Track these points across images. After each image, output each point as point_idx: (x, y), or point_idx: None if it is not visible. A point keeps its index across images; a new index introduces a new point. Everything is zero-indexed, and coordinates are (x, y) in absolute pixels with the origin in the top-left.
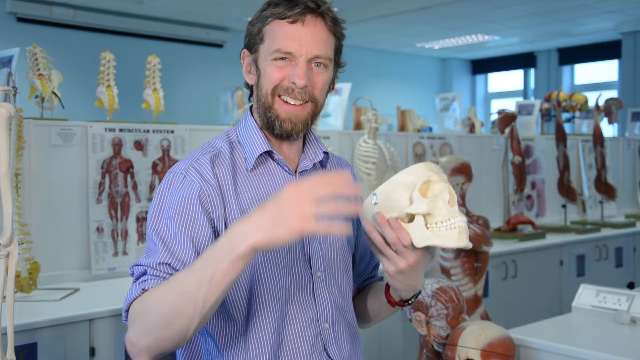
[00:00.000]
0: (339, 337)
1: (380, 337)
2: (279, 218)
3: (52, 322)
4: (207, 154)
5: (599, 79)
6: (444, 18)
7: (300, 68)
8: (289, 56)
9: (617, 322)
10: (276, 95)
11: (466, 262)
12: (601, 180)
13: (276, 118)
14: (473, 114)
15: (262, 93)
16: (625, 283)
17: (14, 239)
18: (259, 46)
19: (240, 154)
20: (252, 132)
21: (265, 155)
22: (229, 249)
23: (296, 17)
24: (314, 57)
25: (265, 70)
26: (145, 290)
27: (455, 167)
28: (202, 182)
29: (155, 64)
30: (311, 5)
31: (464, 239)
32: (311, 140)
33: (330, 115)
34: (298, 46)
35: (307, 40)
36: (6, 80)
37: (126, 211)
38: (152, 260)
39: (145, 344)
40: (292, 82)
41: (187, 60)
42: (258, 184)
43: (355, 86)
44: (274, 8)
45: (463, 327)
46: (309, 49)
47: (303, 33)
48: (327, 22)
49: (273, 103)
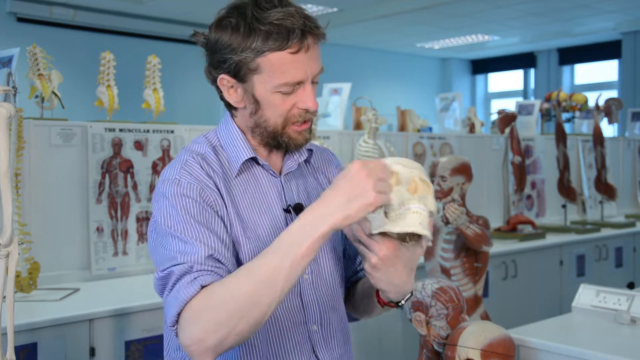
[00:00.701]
0: (328, 338)
1: (380, 337)
2: (353, 194)
3: (52, 322)
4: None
5: (599, 79)
6: (444, 18)
7: (310, 93)
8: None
9: (617, 322)
10: (288, 124)
11: (466, 262)
12: (601, 180)
13: (290, 140)
14: (473, 114)
15: (269, 123)
16: (625, 283)
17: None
18: (252, 76)
19: (225, 158)
20: (235, 138)
21: (250, 161)
22: (310, 231)
23: (298, 45)
24: (315, 77)
25: (269, 101)
26: (203, 286)
27: (455, 167)
28: (198, 183)
29: (155, 64)
30: (305, 28)
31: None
32: None
33: (330, 115)
34: (304, 73)
35: (310, 64)
36: (6, 80)
37: (126, 211)
38: (193, 257)
39: (216, 340)
40: (304, 109)
41: (187, 60)
42: (244, 189)
43: (355, 86)
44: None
45: (463, 327)
46: (312, 71)
47: (306, 59)
48: (318, 38)
49: (285, 130)
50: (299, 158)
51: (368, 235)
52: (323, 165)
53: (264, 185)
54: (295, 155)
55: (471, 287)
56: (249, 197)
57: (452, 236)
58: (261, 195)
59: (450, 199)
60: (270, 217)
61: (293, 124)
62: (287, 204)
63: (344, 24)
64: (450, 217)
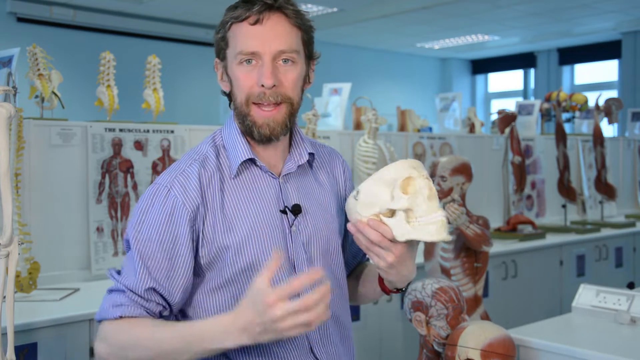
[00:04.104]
0: (326, 337)
1: (381, 337)
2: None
3: (52, 322)
4: (193, 163)
5: (599, 79)
6: (444, 18)
7: (266, 68)
8: (254, 57)
9: (617, 322)
10: (250, 103)
11: (466, 262)
12: (601, 180)
13: (253, 125)
14: (473, 114)
15: (237, 102)
16: (625, 283)
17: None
18: (225, 52)
19: (225, 160)
20: (235, 138)
21: (249, 161)
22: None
23: (255, 16)
24: (278, 53)
25: (234, 77)
26: (122, 317)
27: (455, 167)
28: (185, 198)
29: (155, 64)
30: (268, 1)
31: (443, 233)
32: (297, 142)
33: (330, 115)
34: (260, 45)
35: (269, 38)
36: (6, 80)
37: (126, 211)
38: (131, 283)
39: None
40: (261, 85)
41: (187, 60)
42: (242, 190)
43: (355, 86)
44: (232, 12)
45: (463, 327)
46: (272, 45)
47: (264, 31)
48: (288, 15)
49: (249, 111)
50: (299, 160)
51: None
52: (325, 164)
53: (261, 186)
54: (296, 157)
55: (471, 287)
56: (245, 198)
57: (452, 236)
58: (258, 195)
59: (450, 199)
60: (266, 218)
61: (254, 103)
62: (284, 205)
63: (344, 24)
64: (450, 217)
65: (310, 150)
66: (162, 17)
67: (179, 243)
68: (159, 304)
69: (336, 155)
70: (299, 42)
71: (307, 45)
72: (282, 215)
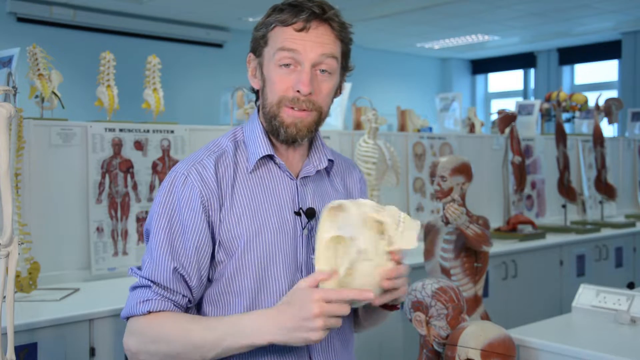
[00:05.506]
0: (326, 344)
1: (380, 337)
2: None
3: (52, 322)
4: (211, 154)
5: (599, 79)
6: (444, 18)
7: (305, 74)
8: (293, 60)
9: (617, 322)
10: (282, 105)
11: (466, 262)
12: (601, 180)
13: (281, 124)
14: (473, 114)
15: (267, 102)
16: (625, 283)
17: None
18: (263, 50)
19: (244, 154)
20: (257, 134)
21: (267, 158)
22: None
23: (302, 24)
24: (318, 62)
25: (269, 77)
26: (151, 312)
27: (455, 167)
28: (202, 186)
29: (155, 64)
30: (317, 10)
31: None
32: (317, 147)
33: (330, 115)
34: (302, 49)
35: (312, 46)
36: (6, 80)
37: (126, 211)
38: (156, 273)
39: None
40: (297, 90)
41: (187, 60)
42: (256, 185)
43: (355, 86)
44: (278, 14)
45: (463, 327)
46: (314, 53)
47: (308, 38)
48: (333, 27)
49: (279, 112)
50: (319, 165)
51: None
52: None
53: (278, 185)
54: (315, 161)
55: (471, 287)
56: (260, 194)
57: (452, 236)
58: (274, 194)
59: (450, 199)
60: (278, 217)
61: (286, 106)
62: (299, 207)
63: None
64: (450, 217)
65: (330, 157)
66: (162, 17)
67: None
68: (185, 295)
69: (354, 167)
70: (339, 54)
71: (345, 57)
72: (296, 217)
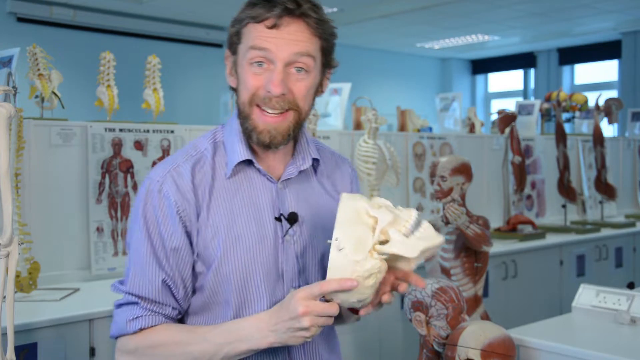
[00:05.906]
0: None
1: (380, 337)
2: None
3: (52, 322)
4: (189, 159)
5: (599, 79)
6: (444, 18)
7: (276, 74)
8: (265, 59)
9: (617, 322)
10: (254, 104)
11: (466, 262)
12: (601, 180)
13: (253, 129)
14: (473, 114)
15: (240, 101)
16: (625, 283)
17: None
18: (237, 47)
19: (223, 158)
20: (235, 137)
21: (246, 163)
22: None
23: (273, 20)
24: (292, 61)
25: (242, 76)
26: (142, 329)
27: (455, 167)
28: (178, 196)
29: (155, 64)
30: (290, 6)
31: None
32: (302, 146)
33: (330, 115)
34: (274, 45)
35: (284, 44)
36: (6, 80)
37: (126, 211)
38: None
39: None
40: (268, 91)
41: (187, 60)
42: (235, 191)
43: (355, 86)
44: (250, 10)
45: (463, 327)
46: (286, 51)
47: (280, 36)
48: (308, 23)
49: (251, 113)
50: (302, 165)
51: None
52: (332, 170)
53: (256, 190)
54: (298, 162)
55: (471, 287)
56: (238, 200)
57: (452, 236)
58: (252, 199)
59: (450, 199)
60: (258, 224)
61: (257, 106)
62: (280, 213)
63: (344, 24)
64: (450, 217)
65: (314, 156)
66: (162, 17)
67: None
68: (174, 308)
69: (344, 162)
70: (316, 51)
71: (325, 54)
72: (277, 223)
